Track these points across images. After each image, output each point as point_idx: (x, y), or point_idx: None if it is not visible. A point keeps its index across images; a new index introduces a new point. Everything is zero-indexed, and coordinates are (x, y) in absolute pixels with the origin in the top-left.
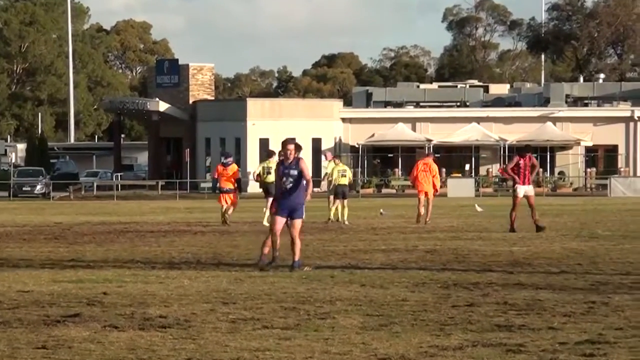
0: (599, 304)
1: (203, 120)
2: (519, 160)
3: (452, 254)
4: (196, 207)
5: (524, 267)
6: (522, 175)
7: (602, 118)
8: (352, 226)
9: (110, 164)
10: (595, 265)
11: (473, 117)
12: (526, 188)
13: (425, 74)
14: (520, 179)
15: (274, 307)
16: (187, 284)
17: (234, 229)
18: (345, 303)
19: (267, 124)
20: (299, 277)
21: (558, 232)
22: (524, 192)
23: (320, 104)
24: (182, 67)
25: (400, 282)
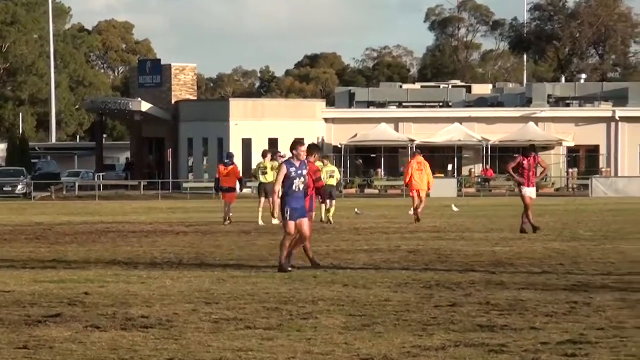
0: (580, 304)
1: (185, 121)
2: (522, 160)
3: (434, 254)
4: (178, 207)
5: (507, 267)
6: (527, 176)
7: (583, 118)
8: (335, 226)
9: (92, 164)
10: (577, 265)
11: (456, 117)
12: (530, 190)
13: (408, 75)
14: (526, 181)
15: (256, 307)
16: (169, 284)
17: (216, 230)
18: (327, 303)
19: (249, 124)
20: (281, 278)
21: (540, 233)
22: (529, 193)
23: (303, 104)
24: (164, 67)
25: (383, 282)
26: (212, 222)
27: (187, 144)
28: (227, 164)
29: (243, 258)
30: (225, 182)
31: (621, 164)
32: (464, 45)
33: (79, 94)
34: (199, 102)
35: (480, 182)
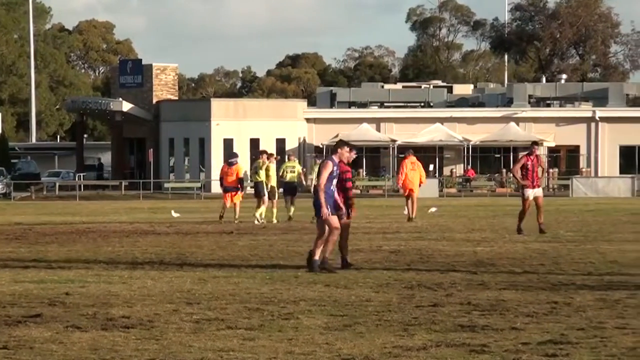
0: (561, 304)
1: (167, 121)
2: (526, 161)
3: (416, 254)
4: (159, 207)
5: (488, 267)
6: (531, 177)
7: (564, 118)
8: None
9: (73, 164)
10: (557, 265)
11: (437, 117)
12: (535, 191)
13: (389, 74)
14: (529, 182)
15: (238, 307)
16: (150, 284)
17: (197, 230)
18: (309, 303)
19: (231, 124)
20: (262, 278)
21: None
22: (534, 195)
23: (285, 104)
24: (145, 67)
25: (364, 282)
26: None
27: (168, 144)
28: (230, 164)
29: (224, 258)
30: (230, 182)
31: (601, 164)
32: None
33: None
34: (180, 102)
35: (462, 182)
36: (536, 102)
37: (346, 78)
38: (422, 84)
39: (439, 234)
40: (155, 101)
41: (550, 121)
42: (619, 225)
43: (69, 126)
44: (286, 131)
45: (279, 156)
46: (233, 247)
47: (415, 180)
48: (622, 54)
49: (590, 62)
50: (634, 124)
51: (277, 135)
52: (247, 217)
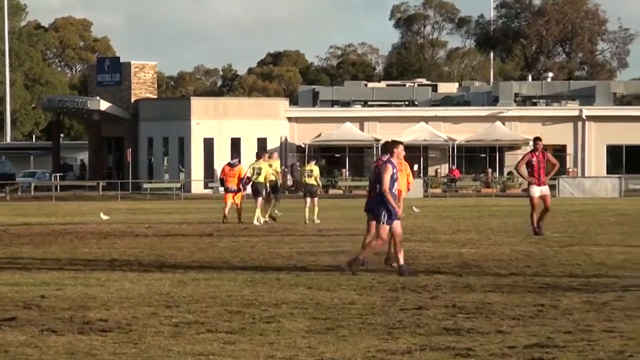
0: (547, 307)
1: (145, 120)
2: (530, 157)
3: None
4: (138, 208)
5: (473, 269)
6: (537, 174)
7: (550, 117)
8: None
9: (49, 164)
10: (544, 267)
11: (421, 116)
12: (542, 188)
13: (373, 73)
14: (535, 179)
15: (218, 310)
16: (128, 287)
17: (177, 231)
18: (291, 306)
19: (211, 124)
20: (243, 280)
21: (507, 234)
22: (540, 193)
23: (266, 103)
24: (123, 65)
25: (347, 284)
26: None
27: (146, 143)
28: (232, 165)
29: (204, 260)
30: (231, 182)
31: (588, 164)
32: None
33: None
34: (159, 100)
35: (447, 182)
36: (522, 100)
37: (329, 76)
38: (406, 83)
39: (424, 235)
40: (133, 100)
41: (536, 120)
42: (606, 226)
43: (45, 125)
44: (268, 130)
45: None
46: (213, 249)
47: (402, 181)
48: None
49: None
50: (621, 123)
51: (258, 135)
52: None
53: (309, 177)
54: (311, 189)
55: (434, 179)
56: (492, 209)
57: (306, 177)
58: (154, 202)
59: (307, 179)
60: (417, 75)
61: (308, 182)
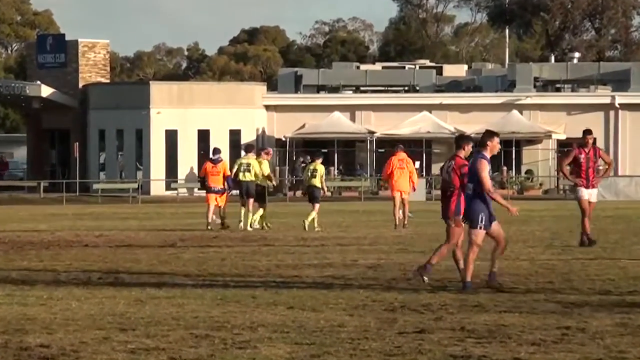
0: (574, 330)
1: (96, 108)
2: (578, 154)
3: (399, 269)
4: (87, 213)
5: (485, 285)
6: (585, 174)
7: (577, 105)
8: (279, 236)
9: None
10: (569, 283)
11: (424, 104)
12: (591, 192)
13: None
14: (583, 180)
15: (182, 334)
16: (75, 307)
17: (133, 241)
18: (269, 329)
19: (174, 113)
20: (212, 298)
21: (525, 244)
22: (589, 197)
23: (240, 89)
24: (69, 43)
25: (336, 303)
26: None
27: (97, 136)
28: (214, 161)
29: (166, 274)
30: (214, 181)
31: (622, 161)
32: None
33: None
34: (112, 85)
35: None
36: (543, 85)
37: (314, 57)
38: (405, 64)
39: (426, 246)
40: (81, 85)
41: (560, 109)
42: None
43: None
44: (241, 121)
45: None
46: (177, 262)
47: (403, 180)
48: None
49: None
50: None
51: (230, 126)
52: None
53: (313, 178)
54: (315, 192)
55: (438, 178)
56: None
57: (310, 178)
58: (106, 206)
59: (311, 179)
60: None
61: (312, 184)
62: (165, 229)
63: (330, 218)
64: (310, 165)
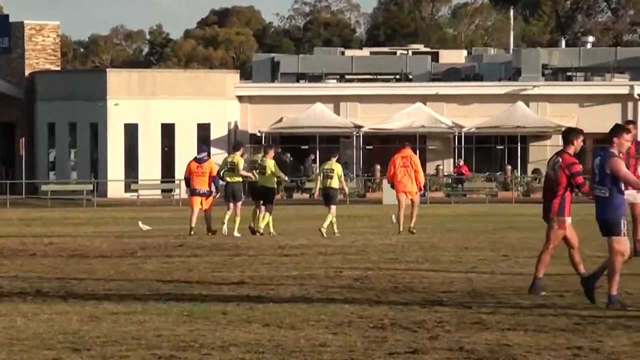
0: (586, 350)
1: (45, 99)
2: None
3: (389, 282)
4: (35, 217)
5: (486, 299)
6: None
7: (590, 96)
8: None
9: None
10: (580, 297)
11: (417, 95)
12: (630, 192)
13: (352, 37)
14: None
15: (143, 355)
16: (21, 324)
17: (88, 250)
18: (242, 349)
19: (135, 105)
20: (178, 315)
21: (532, 252)
22: (634, 199)
23: (209, 77)
24: (14, 25)
25: (317, 320)
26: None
27: (47, 130)
28: (200, 160)
29: (126, 288)
30: (199, 183)
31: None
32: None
33: None
34: (63, 73)
35: (451, 183)
36: (553, 74)
37: (293, 41)
38: (397, 50)
39: (421, 254)
40: (28, 73)
41: (572, 100)
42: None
43: None
44: (211, 114)
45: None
46: (138, 273)
47: (408, 180)
48: None
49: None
50: None
51: (198, 120)
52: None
53: (329, 179)
54: (331, 193)
55: (434, 178)
56: (512, 219)
57: (325, 178)
58: (57, 210)
59: (327, 180)
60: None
61: (328, 185)
62: (124, 235)
63: (312, 224)
64: (325, 164)
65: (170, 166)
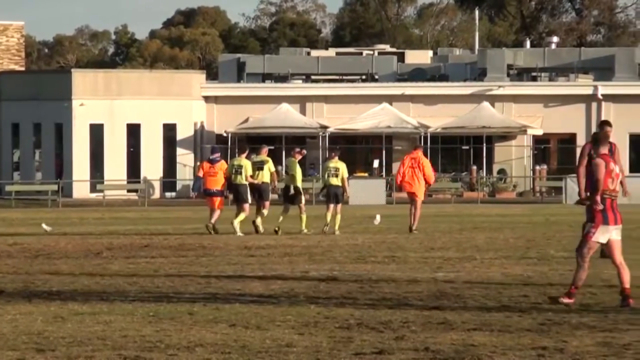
0: (551, 350)
1: (9, 100)
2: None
3: (355, 282)
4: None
5: (452, 300)
6: None
7: (555, 97)
8: (219, 244)
9: None
10: (546, 297)
11: (383, 95)
12: None
13: (318, 37)
14: None
15: (109, 355)
16: None
17: (53, 250)
18: (208, 350)
19: (100, 105)
20: (144, 315)
21: (497, 253)
22: None
23: (175, 78)
24: None
25: (283, 320)
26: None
27: (10, 131)
28: (213, 161)
29: (91, 288)
30: (211, 183)
31: None
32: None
33: None
34: (28, 74)
35: None
36: (518, 74)
37: (259, 41)
38: (363, 50)
39: (387, 255)
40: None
41: (536, 100)
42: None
43: None
44: (177, 114)
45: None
46: (103, 273)
47: (418, 181)
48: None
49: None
50: None
51: (164, 120)
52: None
53: (334, 177)
54: (336, 191)
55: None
56: (478, 219)
57: (330, 177)
58: (21, 211)
59: (331, 179)
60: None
61: (333, 183)
62: (91, 235)
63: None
64: (329, 163)
65: (136, 166)
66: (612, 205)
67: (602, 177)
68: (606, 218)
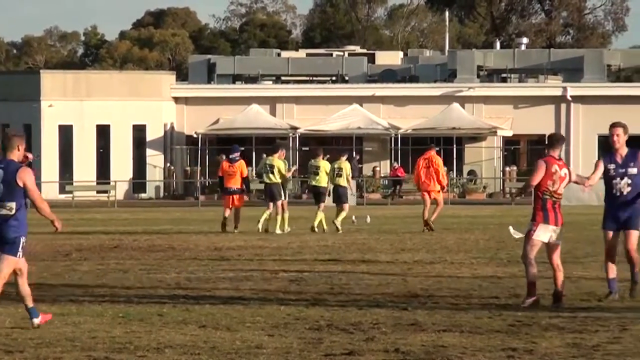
0: (520, 351)
1: None
2: None
3: (325, 283)
4: None
5: (422, 301)
6: None
7: (525, 98)
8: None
9: None
10: (516, 298)
11: (354, 96)
12: None
13: (288, 38)
14: None
15: (78, 356)
16: None
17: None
18: (177, 351)
19: (69, 106)
20: (113, 316)
21: (467, 254)
22: None
23: (144, 79)
24: None
25: (253, 322)
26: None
27: None
28: (232, 160)
29: (60, 289)
30: (231, 182)
31: (574, 160)
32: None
33: None
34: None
35: (388, 184)
36: (487, 75)
37: (229, 42)
38: (333, 51)
39: (357, 256)
40: None
41: (506, 101)
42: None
43: None
44: (147, 115)
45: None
46: (72, 274)
47: (432, 179)
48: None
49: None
50: (617, 105)
51: (134, 121)
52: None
53: (338, 177)
54: (341, 191)
55: (370, 180)
56: (448, 220)
57: (335, 177)
58: None
59: (337, 178)
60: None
61: (337, 183)
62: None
63: (247, 225)
64: (334, 163)
65: (105, 167)
66: (554, 206)
67: (534, 177)
68: (547, 217)
